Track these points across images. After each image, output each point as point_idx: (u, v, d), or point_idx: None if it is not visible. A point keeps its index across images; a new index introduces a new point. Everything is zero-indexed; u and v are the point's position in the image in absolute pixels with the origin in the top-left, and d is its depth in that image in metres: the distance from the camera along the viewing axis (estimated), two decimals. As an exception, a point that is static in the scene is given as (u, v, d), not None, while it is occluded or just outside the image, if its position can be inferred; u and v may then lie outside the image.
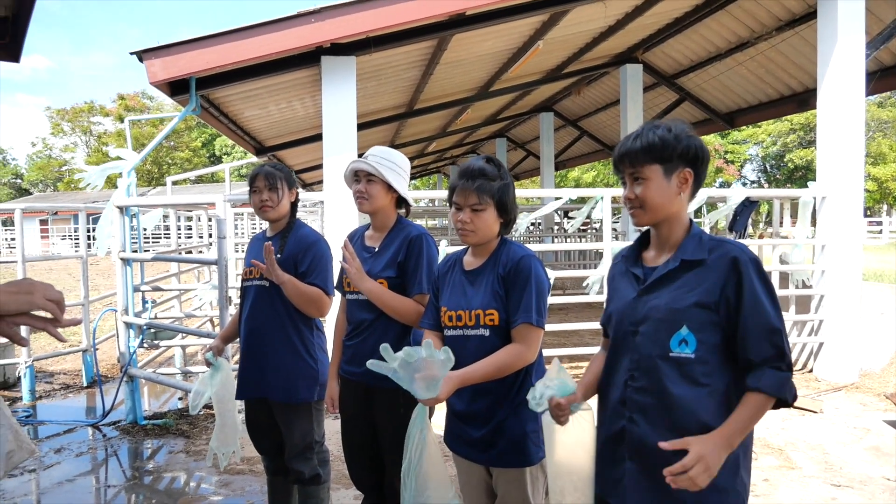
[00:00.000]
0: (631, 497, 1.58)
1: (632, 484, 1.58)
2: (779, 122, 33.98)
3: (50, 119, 49.56)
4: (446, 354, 1.71)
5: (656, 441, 1.54)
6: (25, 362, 5.56)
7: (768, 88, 10.15)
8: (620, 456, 1.60)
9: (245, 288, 2.78)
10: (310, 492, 2.77)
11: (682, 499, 1.51)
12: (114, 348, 6.98)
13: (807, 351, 6.03)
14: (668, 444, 1.47)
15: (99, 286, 12.59)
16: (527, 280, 1.91)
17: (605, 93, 12.64)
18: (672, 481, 1.43)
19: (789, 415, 4.79)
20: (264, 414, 2.77)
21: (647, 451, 1.56)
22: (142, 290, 5.61)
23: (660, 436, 1.54)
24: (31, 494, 3.71)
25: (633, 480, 1.57)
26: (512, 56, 8.42)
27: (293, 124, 9.36)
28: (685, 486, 1.42)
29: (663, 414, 1.55)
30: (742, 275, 1.51)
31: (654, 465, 1.54)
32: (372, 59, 6.16)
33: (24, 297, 1.22)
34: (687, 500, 1.51)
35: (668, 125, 1.62)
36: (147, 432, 4.68)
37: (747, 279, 1.51)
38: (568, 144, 16.55)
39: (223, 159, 43.83)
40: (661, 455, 1.53)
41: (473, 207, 1.94)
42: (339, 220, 5.40)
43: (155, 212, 6.35)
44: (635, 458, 1.58)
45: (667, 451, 1.51)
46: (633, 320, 1.61)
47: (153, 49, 4.94)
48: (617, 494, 1.61)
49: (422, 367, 1.74)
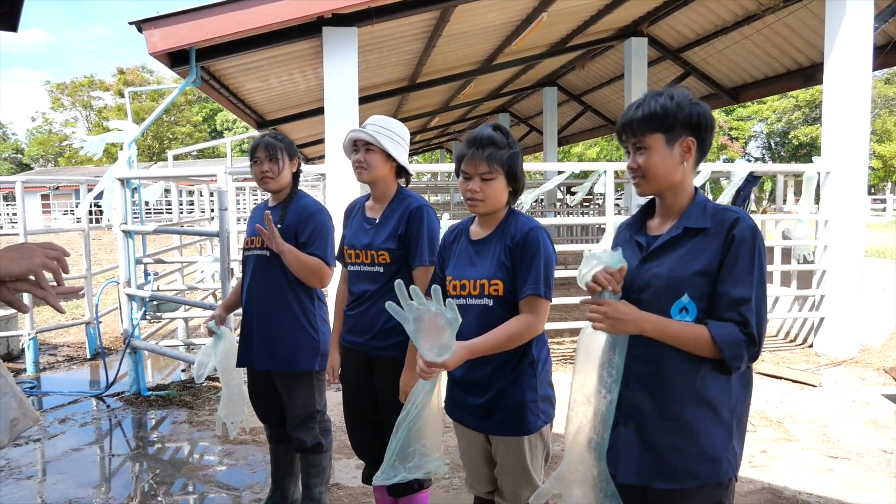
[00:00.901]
0: (624, 462, 1.59)
1: (625, 449, 1.59)
2: (784, 98, 33.68)
3: (49, 93, 49.26)
4: (454, 313, 1.69)
5: (651, 409, 1.56)
6: (29, 334, 5.60)
7: (774, 63, 10.02)
8: (615, 421, 1.61)
9: (246, 258, 2.78)
10: (312, 460, 2.81)
11: (673, 464, 1.54)
12: (117, 321, 7.01)
13: (807, 326, 6.05)
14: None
15: (101, 260, 12.59)
16: (535, 252, 1.90)
17: (610, 67, 12.49)
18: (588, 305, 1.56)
19: (788, 388, 4.82)
20: (267, 384, 2.79)
21: (641, 417, 1.57)
22: (144, 263, 5.62)
23: (655, 404, 1.55)
24: (37, 463, 3.76)
25: (626, 446, 1.59)
26: (515, 28, 8.31)
27: (295, 97, 9.27)
28: (593, 315, 1.53)
29: (660, 382, 1.55)
30: (735, 238, 1.51)
31: (647, 432, 1.56)
32: (374, 30, 6.08)
33: (25, 260, 1.21)
34: (678, 466, 1.53)
35: (671, 93, 1.60)
36: (150, 403, 4.73)
37: (738, 242, 1.51)
38: (571, 119, 16.41)
39: (224, 134, 43.58)
40: (654, 422, 1.56)
41: (483, 176, 1.92)
42: (342, 192, 5.38)
43: (157, 185, 6.33)
44: (629, 423, 1.59)
45: (660, 420, 1.54)
46: (635, 288, 1.61)
47: (152, 19, 4.88)
48: (609, 457, 1.63)
49: (430, 324, 1.71)
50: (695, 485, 1.54)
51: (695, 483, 1.53)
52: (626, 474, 1.59)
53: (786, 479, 3.32)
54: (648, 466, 1.56)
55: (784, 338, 6.34)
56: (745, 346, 1.48)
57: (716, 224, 1.55)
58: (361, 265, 2.42)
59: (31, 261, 1.22)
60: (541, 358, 1.99)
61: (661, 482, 1.55)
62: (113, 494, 3.33)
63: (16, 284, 1.30)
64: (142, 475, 3.57)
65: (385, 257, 2.36)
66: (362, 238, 2.43)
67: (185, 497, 3.32)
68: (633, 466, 1.58)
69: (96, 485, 3.45)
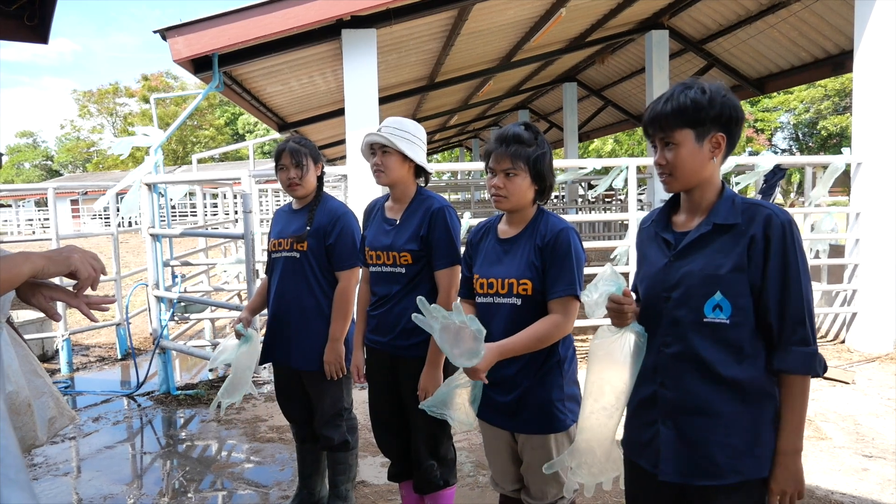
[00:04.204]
0: (665, 461, 1.57)
1: (665, 448, 1.57)
2: (811, 87, 32.94)
3: (77, 101, 50.33)
4: (477, 325, 1.70)
5: (689, 405, 1.54)
6: (62, 336, 5.74)
7: (801, 52, 9.81)
8: (652, 420, 1.59)
9: (274, 260, 2.81)
10: (338, 458, 2.84)
11: (716, 463, 1.51)
12: (146, 322, 7.15)
13: (839, 321, 5.92)
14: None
15: (129, 263, 12.85)
16: (567, 252, 1.90)
17: (630, 61, 12.35)
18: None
19: (820, 386, 4.73)
20: (294, 383, 2.83)
21: (679, 414, 1.55)
22: (171, 265, 5.72)
23: (692, 401, 1.53)
24: (72, 460, 3.86)
25: (666, 445, 1.57)
26: (534, 25, 8.26)
27: (315, 99, 9.35)
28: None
29: (696, 378, 1.53)
30: (771, 239, 1.48)
31: (687, 429, 1.54)
32: (392, 31, 6.10)
33: (63, 260, 1.27)
34: (722, 465, 1.51)
35: (702, 85, 1.54)
36: (179, 402, 4.81)
37: (777, 243, 1.47)
38: (592, 115, 16.27)
39: (246, 137, 44.10)
40: (694, 419, 1.54)
41: (507, 172, 1.92)
42: (363, 193, 5.42)
43: (179, 186, 6.44)
44: (668, 422, 1.57)
45: (699, 417, 1.52)
46: (666, 286, 1.58)
47: (176, 27, 4.96)
48: (647, 457, 1.61)
49: (458, 335, 1.72)
50: (737, 480, 1.52)
51: (737, 478, 1.52)
52: (666, 472, 1.57)
53: (818, 479, 3.25)
54: (689, 463, 1.55)
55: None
56: (815, 351, 1.50)
57: (746, 220, 1.52)
58: (383, 266, 2.44)
59: (69, 255, 1.28)
60: (567, 357, 1.98)
61: (703, 479, 1.53)
62: (145, 491, 3.40)
63: (52, 293, 1.35)
64: (172, 472, 3.64)
65: (407, 258, 2.37)
66: (383, 239, 2.44)
67: (214, 494, 3.37)
68: (673, 464, 1.56)
69: (129, 482, 3.53)
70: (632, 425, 1.69)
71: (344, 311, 2.68)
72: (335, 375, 2.68)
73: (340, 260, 2.69)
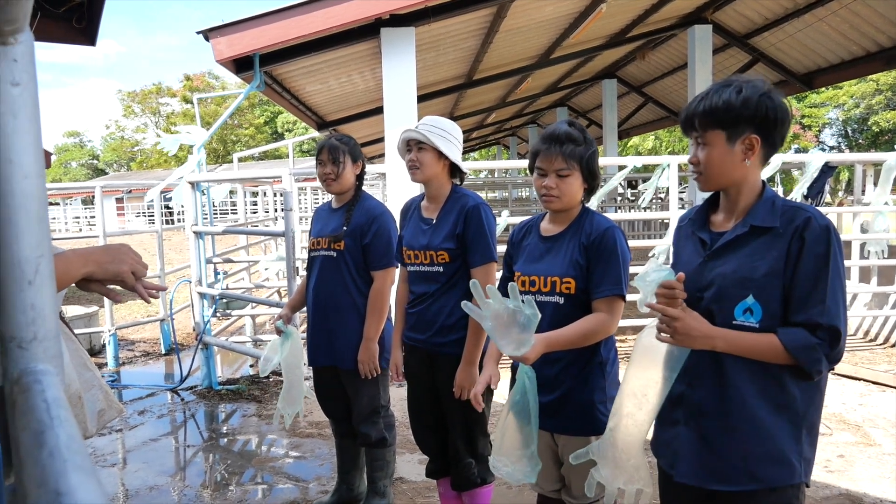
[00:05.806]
0: (681, 461, 1.57)
1: (684, 448, 1.56)
2: (862, 82, 31.73)
3: (121, 101, 51.80)
4: (532, 310, 1.66)
5: (713, 407, 1.52)
6: (109, 331, 5.92)
7: (852, 45, 9.46)
8: (675, 419, 1.58)
9: (312, 258, 2.85)
10: (376, 454, 2.86)
11: (733, 465, 1.50)
12: (189, 318, 7.33)
13: (890, 324, 5.70)
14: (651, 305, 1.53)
15: (172, 260, 13.19)
16: (612, 251, 1.88)
17: (672, 57, 12.10)
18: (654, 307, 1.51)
19: (867, 390, 4.56)
20: (332, 380, 2.86)
21: (702, 416, 1.54)
22: (213, 262, 5.84)
23: (718, 403, 1.51)
24: (119, 452, 3.98)
25: (685, 445, 1.56)
26: (573, 21, 8.16)
27: (353, 98, 9.43)
28: (663, 328, 1.50)
29: (723, 381, 1.51)
30: (806, 241, 1.43)
31: (708, 432, 1.53)
32: (431, 29, 6.10)
33: (115, 265, 1.31)
34: (737, 467, 1.49)
35: (740, 85, 1.50)
36: (221, 397, 4.92)
37: (811, 245, 1.42)
38: (632, 112, 16.00)
39: (285, 136, 44.81)
40: (716, 422, 1.52)
41: (559, 173, 1.90)
42: (401, 191, 5.44)
43: (221, 186, 6.57)
44: (690, 422, 1.56)
45: (722, 419, 1.50)
46: (699, 286, 1.56)
47: (218, 27, 5.06)
48: (666, 455, 1.60)
49: (508, 321, 1.68)
50: (755, 487, 1.48)
51: (755, 486, 1.48)
52: (682, 473, 1.56)
53: (865, 486, 3.14)
54: (705, 467, 1.53)
55: (863, 337, 6.00)
56: (821, 350, 1.41)
57: (784, 223, 1.47)
58: (420, 265, 2.44)
59: (119, 266, 1.31)
60: (609, 359, 1.96)
61: (717, 484, 1.52)
62: (188, 483, 3.49)
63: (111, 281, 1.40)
64: (214, 466, 3.73)
65: (444, 257, 2.37)
66: (420, 239, 2.44)
67: (255, 487, 3.44)
68: (690, 466, 1.55)
69: (173, 474, 3.62)
70: (657, 424, 1.68)
71: (378, 310, 2.70)
72: (369, 374, 2.70)
73: (376, 259, 2.71)
